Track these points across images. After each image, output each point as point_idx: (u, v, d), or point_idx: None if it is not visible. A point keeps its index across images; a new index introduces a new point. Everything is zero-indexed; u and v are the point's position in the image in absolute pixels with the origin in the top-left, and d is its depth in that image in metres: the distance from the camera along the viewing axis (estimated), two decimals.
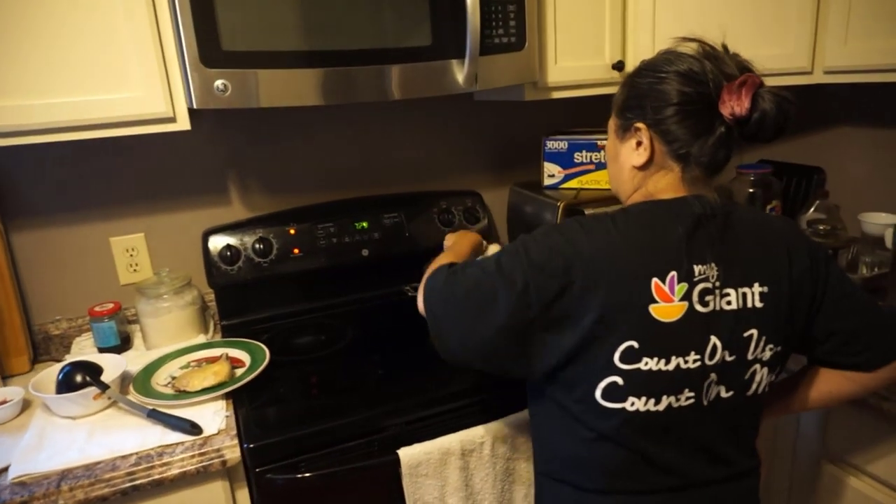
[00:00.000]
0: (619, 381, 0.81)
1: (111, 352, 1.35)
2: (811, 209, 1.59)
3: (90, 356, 1.24)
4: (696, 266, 0.82)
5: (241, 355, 1.31)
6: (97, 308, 1.36)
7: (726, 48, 0.88)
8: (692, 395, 0.84)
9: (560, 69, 1.44)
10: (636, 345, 0.80)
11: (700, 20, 1.42)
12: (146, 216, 1.50)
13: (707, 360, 0.83)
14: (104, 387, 1.11)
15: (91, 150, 1.42)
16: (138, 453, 1.01)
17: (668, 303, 0.81)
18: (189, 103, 1.13)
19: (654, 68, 0.88)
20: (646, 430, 0.84)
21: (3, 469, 0.98)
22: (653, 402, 0.82)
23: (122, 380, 1.19)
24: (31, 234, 1.41)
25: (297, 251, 1.52)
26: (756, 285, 0.85)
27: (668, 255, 0.81)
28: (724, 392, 0.86)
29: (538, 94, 1.45)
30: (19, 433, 1.08)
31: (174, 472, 0.98)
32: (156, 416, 1.08)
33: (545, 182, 1.65)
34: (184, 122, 1.20)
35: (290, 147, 1.59)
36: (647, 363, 0.81)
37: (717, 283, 0.83)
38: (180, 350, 1.34)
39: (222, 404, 1.15)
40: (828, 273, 0.91)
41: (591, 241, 0.82)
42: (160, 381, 1.23)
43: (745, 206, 0.96)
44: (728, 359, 0.84)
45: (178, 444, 1.03)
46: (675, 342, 0.82)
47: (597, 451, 0.86)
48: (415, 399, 1.14)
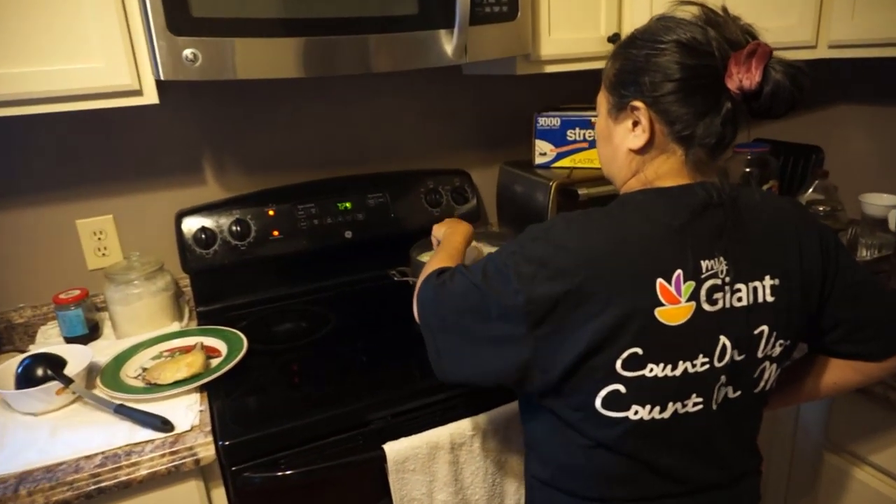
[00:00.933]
0: (622, 388, 0.75)
1: (78, 342, 1.28)
2: (809, 189, 1.54)
3: (56, 347, 1.17)
4: (703, 262, 0.75)
5: (216, 344, 1.24)
6: (62, 295, 1.27)
7: (727, 11, 0.79)
8: (700, 401, 0.78)
9: (553, 41, 1.36)
10: (640, 351, 0.73)
11: None
12: (115, 197, 1.41)
13: (716, 362, 0.77)
14: (67, 381, 1.04)
15: (53, 125, 1.33)
16: (104, 453, 0.94)
17: (675, 304, 0.74)
18: (156, 75, 1.04)
19: (650, 38, 0.78)
20: (649, 437, 0.78)
21: None
22: (658, 409, 0.76)
23: (89, 372, 1.12)
24: None
25: (276, 233, 1.45)
26: (767, 278, 0.79)
27: (673, 252, 0.74)
28: (732, 393, 0.80)
29: (530, 68, 1.38)
30: None
31: (143, 472, 0.91)
32: (124, 411, 1.01)
33: (536, 161, 1.58)
34: (151, 96, 1.11)
35: (269, 123, 1.50)
36: (652, 370, 0.74)
37: (727, 279, 0.76)
38: (152, 339, 1.27)
39: (196, 398, 1.08)
40: (838, 259, 0.85)
41: (585, 242, 0.74)
42: (130, 374, 1.16)
43: (750, 188, 0.89)
44: (737, 358, 0.78)
45: (148, 442, 0.96)
46: (683, 346, 0.75)
47: (595, 459, 0.80)
48: (401, 390, 1.08)
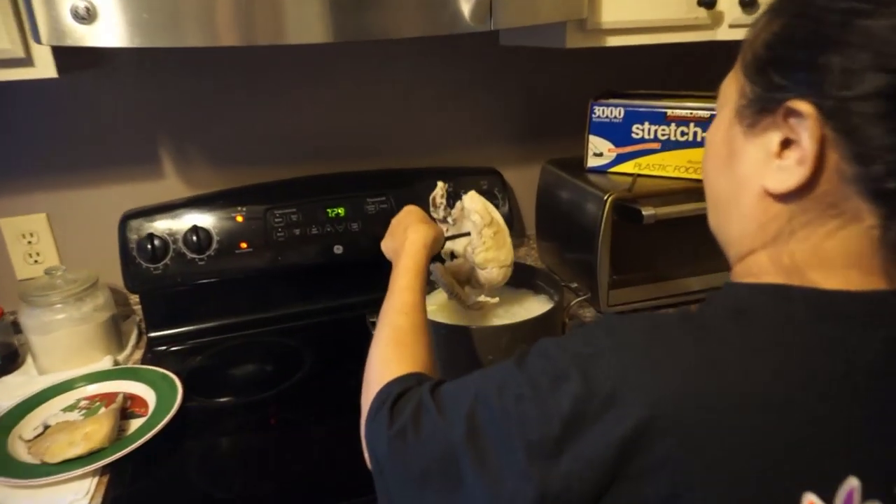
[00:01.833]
0: None
1: None
2: None
3: None
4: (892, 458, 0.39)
5: (146, 394, 0.95)
6: None
7: None
8: None
9: (619, 4, 0.98)
10: None
11: None
12: (50, 191, 1.13)
13: None
14: None
15: None
16: None
17: None
18: (34, 38, 0.73)
19: None
20: None
21: None
22: None
23: None
24: None
25: (244, 245, 1.14)
26: None
27: (842, 434, 0.39)
28: None
29: (585, 40, 1.00)
30: None
31: None
32: None
33: (589, 163, 1.20)
34: (46, 68, 0.81)
35: (244, 104, 1.19)
36: None
37: None
38: (71, 381, 0.99)
39: (89, 486, 0.79)
40: None
41: (658, 386, 0.40)
42: (26, 434, 0.88)
43: None
44: None
45: None
46: None
47: None
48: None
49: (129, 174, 1.16)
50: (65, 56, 0.83)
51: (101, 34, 0.72)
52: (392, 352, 0.63)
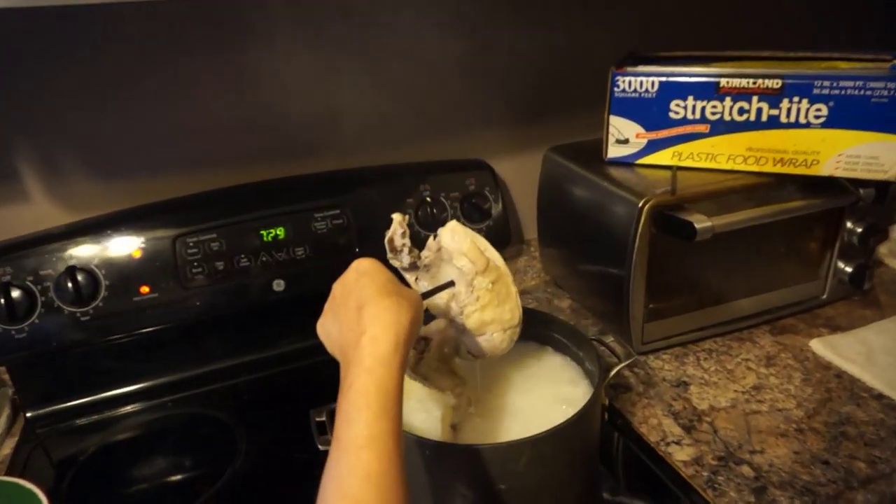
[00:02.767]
0: None
1: None
2: None
3: None
4: None
5: None
6: None
7: None
8: None
9: None
10: None
11: None
12: None
13: None
14: None
15: None
16: None
17: None
18: None
19: None
20: None
21: None
22: None
23: None
24: None
25: (145, 290, 0.82)
26: None
27: None
28: None
29: None
30: None
31: None
32: None
33: (610, 152, 0.90)
34: None
35: (136, 89, 0.85)
36: None
37: None
38: None
39: None
40: None
41: None
42: None
43: None
44: None
45: None
46: None
47: None
48: None
49: None
50: None
51: None
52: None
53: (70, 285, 0.79)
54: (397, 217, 0.61)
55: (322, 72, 0.92)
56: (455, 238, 0.59)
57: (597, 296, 0.96)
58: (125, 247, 0.82)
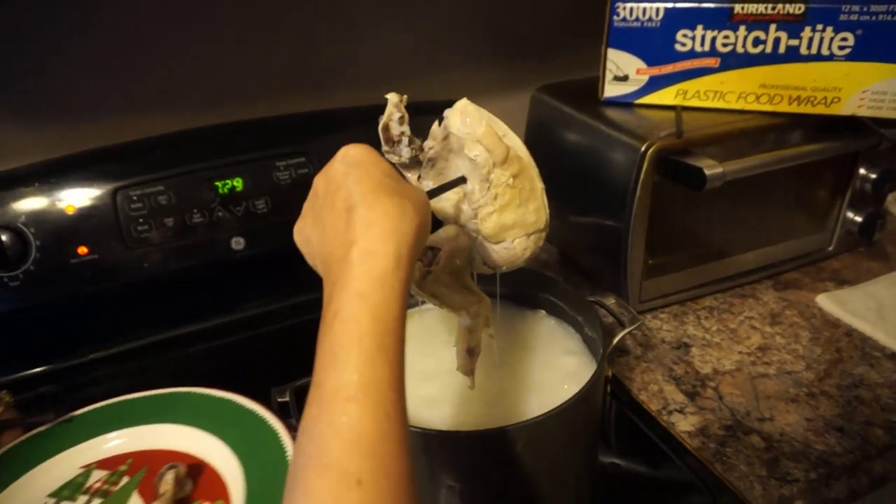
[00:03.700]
0: None
1: None
2: None
3: None
4: None
5: (218, 457, 0.57)
6: None
7: None
8: None
9: None
10: None
11: None
12: None
13: None
14: None
15: None
16: None
17: None
18: None
19: None
20: None
21: None
22: None
23: None
24: None
25: (83, 250, 0.72)
26: None
27: None
28: None
29: None
30: None
31: None
32: None
33: (607, 91, 0.81)
34: None
35: (67, 12, 0.73)
36: None
37: None
38: (77, 423, 0.62)
39: None
40: None
41: None
42: None
43: None
44: None
45: None
46: None
47: None
48: None
49: None
50: None
51: None
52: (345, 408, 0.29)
53: None
54: (393, 97, 0.47)
55: (287, 7, 0.81)
56: (467, 121, 0.46)
57: (589, 250, 0.89)
58: (57, 201, 0.71)
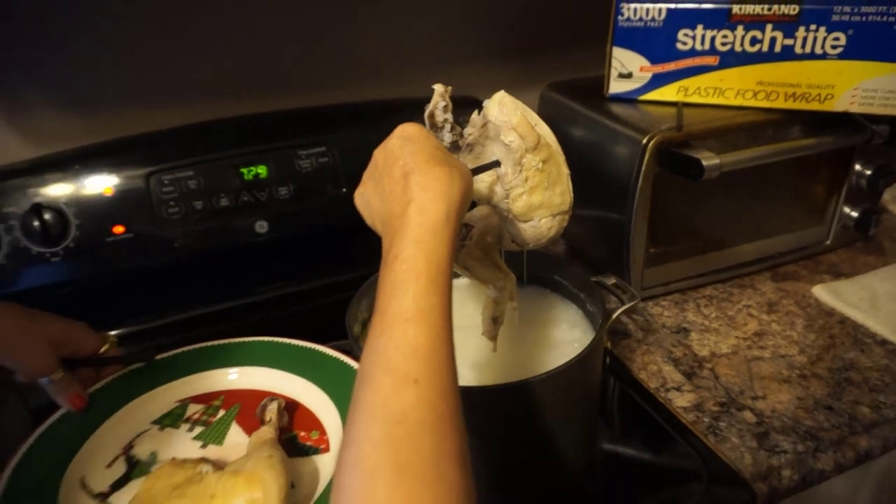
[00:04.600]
0: None
1: None
2: None
3: None
4: None
5: (313, 398, 0.62)
6: None
7: None
8: None
9: None
10: None
11: None
12: None
13: None
14: None
15: None
16: None
17: None
18: None
19: None
20: None
21: None
22: None
23: None
24: None
25: (119, 230, 0.77)
26: None
27: None
28: None
29: None
30: None
31: None
32: None
33: (612, 88, 0.85)
34: None
35: (108, 18, 0.79)
36: None
37: None
38: (166, 364, 0.67)
39: None
40: None
41: None
42: (94, 480, 0.54)
43: None
44: None
45: None
46: None
47: None
48: None
49: None
50: None
51: None
52: (388, 488, 0.31)
53: (37, 224, 0.74)
54: (439, 88, 0.53)
55: (309, 5, 0.86)
56: (503, 111, 0.51)
57: (595, 241, 0.92)
58: (96, 184, 0.77)
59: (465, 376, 0.60)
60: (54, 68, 0.80)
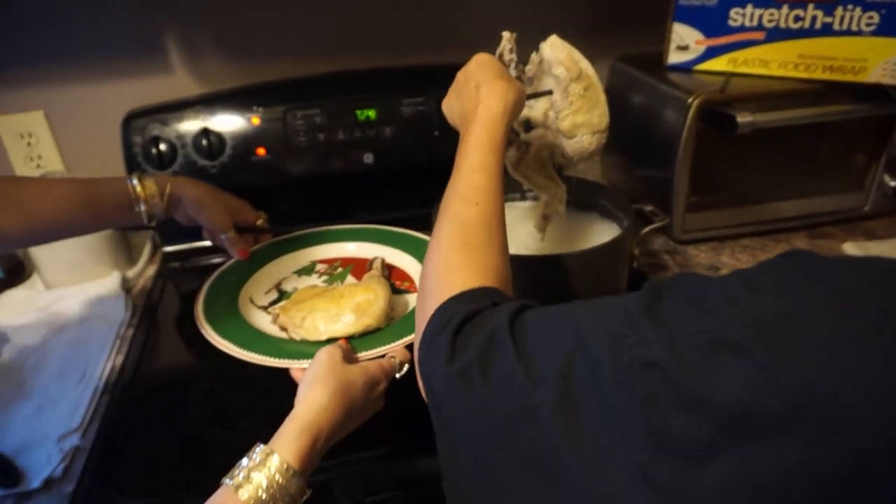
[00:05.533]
0: None
1: None
2: None
3: None
4: None
5: (406, 263, 0.86)
6: None
7: None
8: None
9: None
10: None
11: None
12: (45, 86, 1.00)
13: None
14: None
15: None
16: None
17: None
18: None
19: None
20: None
21: None
22: None
23: None
24: None
25: (261, 151, 1.00)
26: None
27: None
28: None
29: None
30: None
31: None
32: None
33: (671, 58, 0.99)
34: None
35: None
36: None
37: None
38: (302, 238, 0.93)
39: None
40: None
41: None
42: (258, 299, 0.81)
43: None
44: None
45: None
46: None
47: None
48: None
49: (132, 69, 1.02)
50: None
51: None
52: (457, 256, 0.49)
53: (204, 143, 0.97)
54: (506, 34, 0.71)
55: None
56: (554, 49, 0.68)
57: (647, 197, 1.06)
58: (246, 115, 0.99)
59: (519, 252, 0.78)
60: (221, 27, 1.02)
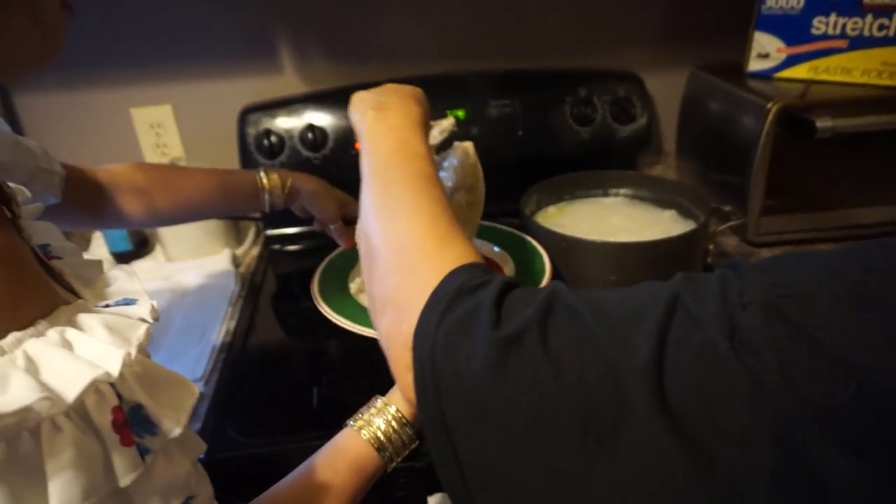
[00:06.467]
0: None
1: (122, 259, 1.07)
2: None
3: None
4: None
5: (501, 260, 0.89)
6: None
7: None
8: None
9: None
10: None
11: None
12: (173, 82, 1.13)
13: None
14: None
15: None
16: None
17: None
18: None
19: None
20: None
21: None
22: None
23: None
24: (36, 99, 1.11)
25: (359, 146, 1.09)
26: None
27: None
28: None
29: None
30: None
31: None
32: None
33: (751, 65, 1.02)
34: None
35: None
36: None
37: None
38: None
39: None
40: None
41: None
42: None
43: None
44: None
45: None
46: None
47: None
48: None
49: (246, 69, 1.14)
50: None
51: None
52: (445, 228, 0.44)
53: (309, 136, 1.07)
54: (452, 120, 0.79)
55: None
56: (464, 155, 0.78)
57: (723, 201, 1.09)
58: (345, 112, 1.08)
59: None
60: (330, 30, 1.13)
